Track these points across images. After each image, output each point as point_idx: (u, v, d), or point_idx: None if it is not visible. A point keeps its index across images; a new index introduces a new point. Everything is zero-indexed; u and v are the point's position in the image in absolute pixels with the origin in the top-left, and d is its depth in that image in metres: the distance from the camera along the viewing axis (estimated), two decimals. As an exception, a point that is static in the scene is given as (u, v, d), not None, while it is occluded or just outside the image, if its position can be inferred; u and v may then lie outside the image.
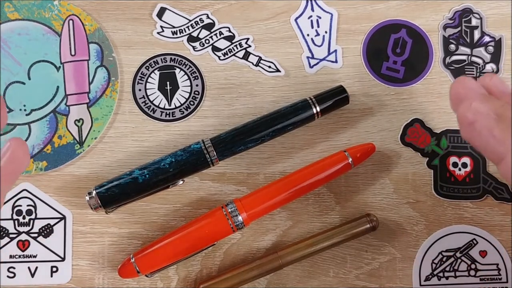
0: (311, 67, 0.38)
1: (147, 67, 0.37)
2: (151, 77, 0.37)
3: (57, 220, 0.36)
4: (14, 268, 0.36)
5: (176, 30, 0.38)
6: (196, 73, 0.38)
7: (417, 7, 0.39)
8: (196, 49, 0.38)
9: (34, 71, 0.37)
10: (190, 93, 0.37)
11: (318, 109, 0.36)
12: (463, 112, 0.28)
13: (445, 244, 0.37)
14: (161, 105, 0.37)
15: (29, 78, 0.37)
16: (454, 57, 0.39)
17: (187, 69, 0.38)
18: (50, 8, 0.37)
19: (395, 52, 0.39)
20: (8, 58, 0.37)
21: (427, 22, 0.39)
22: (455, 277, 0.37)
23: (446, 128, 0.38)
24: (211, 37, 0.38)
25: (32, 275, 0.36)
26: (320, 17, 0.39)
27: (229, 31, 0.38)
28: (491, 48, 0.39)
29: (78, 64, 0.37)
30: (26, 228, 0.36)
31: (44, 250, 0.36)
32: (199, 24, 0.38)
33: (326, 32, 0.39)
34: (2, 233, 0.36)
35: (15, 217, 0.36)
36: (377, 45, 0.39)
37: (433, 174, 0.38)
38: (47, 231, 0.36)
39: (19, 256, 0.36)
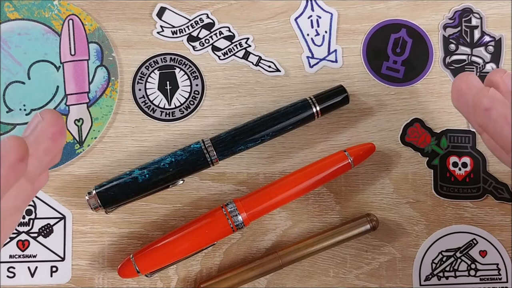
0: (311, 66, 0.38)
1: (147, 67, 0.37)
2: (151, 77, 0.37)
3: (57, 220, 0.36)
4: (14, 268, 0.36)
5: (176, 30, 0.38)
6: (196, 72, 0.38)
7: (417, 7, 0.39)
8: (196, 49, 0.38)
9: (34, 71, 0.37)
10: (190, 92, 0.37)
11: (318, 108, 0.36)
12: (480, 97, 0.28)
13: (445, 244, 0.37)
14: (161, 105, 0.37)
15: (29, 78, 0.37)
16: (454, 57, 0.39)
17: (187, 69, 0.38)
18: (50, 8, 0.37)
19: (395, 52, 0.39)
20: (8, 58, 0.37)
21: (427, 22, 0.39)
22: (455, 277, 0.37)
23: (446, 128, 0.38)
24: (211, 36, 0.38)
25: (32, 275, 0.36)
26: (320, 17, 0.39)
27: (229, 30, 0.38)
28: (491, 48, 0.39)
29: (78, 64, 0.37)
30: (25, 228, 0.36)
31: (44, 250, 0.36)
32: (199, 24, 0.38)
33: (326, 32, 0.39)
34: (2, 233, 0.36)
35: (15, 217, 0.36)
36: (377, 45, 0.39)
37: (433, 174, 0.38)
38: (47, 231, 0.36)
39: (19, 256, 0.36)
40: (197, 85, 0.38)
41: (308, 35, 0.38)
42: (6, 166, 0.24)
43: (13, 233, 0.36)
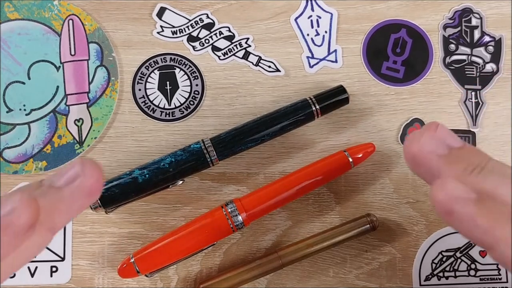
0: (311, 67, 0.38)
1: (147, 67, 0.37)
2: (151, 77, 0.37)
3: (57, 220, 0.36)
4: (14, 268, 0.36)
5: (176, 30, 0.38)
6: (196, 73, 0.38)
7: (417, 7, 0.39)
8: (196, 49, 0.38)
9: (34, 71, 0.37)
10: (190, 93, 0.37)
11: (318, 109, 0.36)
12: (436, 195, 0.22)
13: (445, 244, 0.37)
14: (161, 105, 0.37)
15: (29, 78, 0.37)
16: (454, 57, 0.39)
17: (187, 69, 0.38)
18: (50, 8, 0.37)
19: (395, 52, 0.39)
20: (8, 58, 0.37)
21: (427, 22, 0.39)
22: (455, 277, 0.37)
23: (446, 128, 0.38)
24: (211, 37, 0.38)
25: (32, 275, 0.36)
26: (320, 17, 0.39)
27: (229, 30, 0.38)
28: (491, 48, 0.39)
29: (78, 64, 0.37)
30: (26, 228, 0.36)
31: (44, 250, 0.36)
32: (199, 24, 0.38)
33: (326, 32, 0.39)
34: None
35: (15, 217, 0.36)
36: (377, 45, 0.39)
37: (433, 174, 0.38)
38: (47, 231, 0.36)
39: (19, 256, 0.36)
40: (197, 85, 0.38)
41: (308, 35, 0.38)
42: (10, 235, 0.20)
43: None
